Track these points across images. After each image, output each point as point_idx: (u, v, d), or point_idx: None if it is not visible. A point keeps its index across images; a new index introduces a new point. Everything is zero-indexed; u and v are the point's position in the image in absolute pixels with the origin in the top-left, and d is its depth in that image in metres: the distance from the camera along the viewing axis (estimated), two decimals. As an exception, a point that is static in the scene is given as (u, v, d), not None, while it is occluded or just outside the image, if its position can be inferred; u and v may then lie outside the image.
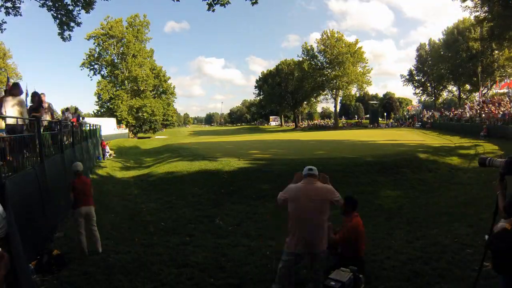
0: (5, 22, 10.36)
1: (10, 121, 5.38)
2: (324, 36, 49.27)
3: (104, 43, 43.25)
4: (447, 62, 44.70)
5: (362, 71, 49.53)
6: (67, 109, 13.45)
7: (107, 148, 20.54)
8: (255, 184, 9.98)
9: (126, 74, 44.14)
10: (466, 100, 40.64)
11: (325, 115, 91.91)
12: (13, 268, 2.91)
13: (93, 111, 47.32)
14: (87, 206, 4.92)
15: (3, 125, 5.36)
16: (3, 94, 6.21)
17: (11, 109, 5.42)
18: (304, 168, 3.29)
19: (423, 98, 58.66)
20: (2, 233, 2.77)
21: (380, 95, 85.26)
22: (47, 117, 7.97)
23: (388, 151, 14.54)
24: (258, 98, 70.71)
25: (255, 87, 68.07)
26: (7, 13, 9.80)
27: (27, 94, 18.29)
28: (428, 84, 53.75)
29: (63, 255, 4.47)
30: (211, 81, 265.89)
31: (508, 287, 2.32)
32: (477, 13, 23.22)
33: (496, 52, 38.22)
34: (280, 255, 3.21)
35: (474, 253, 4.14)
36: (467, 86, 46.78)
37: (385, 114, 61.21)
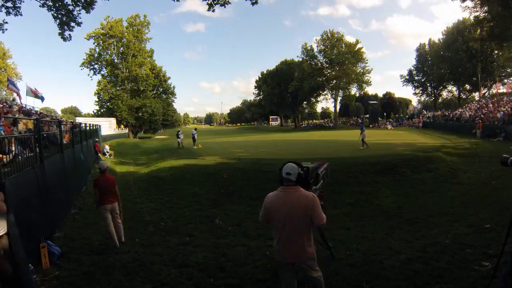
0: (6, 22, 10.35)
1: None
2: (324, 36, 49.28)
3: (104, 43, 43.22)
4: (447, 62, 44.74)
5: (362, 71, 49.55)
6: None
7: (107, 148, 20.54)
8: (255, 184, 9.98)
9: (126, 74, 44.11)
10: (467, 103, 40.65)
11: (325, 115, 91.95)
12: (14, 268, 2.92)
13: (93, 111, 47.34)
14: (113, 203, 5.33)
15: None
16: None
17: None
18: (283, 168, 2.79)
19: (422, 98, 58.77)
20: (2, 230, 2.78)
21: (380, 95, 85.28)
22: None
23: (388, 151, 14.55)
24: (258, 98, 70.76)
25: (255, 87, 68.14)
26: (8, 13, 9.78)
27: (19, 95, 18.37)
28: (428, 84, 53.80)
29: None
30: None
31: None
32: (477, 13, 23.25)
33: (496, 52, 38.27)
34: None
35: (474, 253, 4.14)
36: (467, 86, 46.83)
37: (384, 114, 61.27)
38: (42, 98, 21.17)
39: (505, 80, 35.84)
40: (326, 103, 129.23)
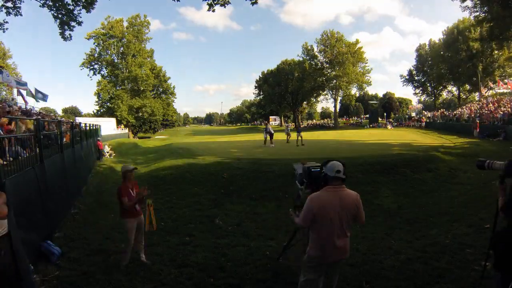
0: (6, 22, 10.36)
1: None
2: (324, 36, 49.27)
3: (105, 43, 43.24)
4: (447, 62, 44.73)
5: (362, 71, 49.53)
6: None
7: (106, 148, 20.54)
8: (255, 184, 9.98)
9: (126, 74, 44.12)
10: (467, 103, 40.66)
11: (325, 115, 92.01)
12: (15, 268, 2.92)
13: (93, 111, 47.37)
14: None
15: None
16: None
17: None
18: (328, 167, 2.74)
19: (422, 98, 58.79)
20: (3, 231, 2.78)
21: (380, 95, 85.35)
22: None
23: (388, 151, 14.55)
24: (258, 98, 70.75)
25: (255, 87, 68.11)
26: (8, 13, 9.78)
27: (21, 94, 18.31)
28: (428, 84, 53.81)
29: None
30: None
31: (504, 284, 2.39)
32: (477, 13, 23.22)
33: (496, 52, 38.24)
34: None
35: (474, 253, 4.15)
36: (467, 86, 46.81)
37: (384, 114, 61.29)
38: (45, 97, 20.96)
39: (505, 80, 35.80)
40: (326, 103, 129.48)
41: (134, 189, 4.54)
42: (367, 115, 60.78)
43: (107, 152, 20.05)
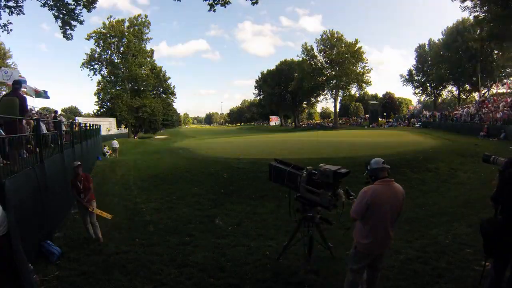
0: (10, 23, 10.39)
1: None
2: (324, 36, 49.30)
3: (105, 43, 43.20)
4: (446, 62, 44.72)
5: (362, 71, 49.54)
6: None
7: (106, 148, 20.56)
8: (255, 184, 9.97)
9: (126, 74, 44.08)
10: (467, 103, 40.58)
11: (325, 115, 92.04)
12: (14, 268, 2.91)
13: (93, 111, 47.35)
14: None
15: None
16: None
17: None
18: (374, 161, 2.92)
19: (422, 98, 58.78)
20: (4, 230, 2.79)
21: (380, 95, 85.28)
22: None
23: (388, 151, 14.55)
24: (258, 98, 70.80)
25: (255, 87, 68.16)
26: (10, 13, 9.82)
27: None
28: (428, 84, 53.82)
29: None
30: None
31: (497, 269, 2.61)
32: (477, 14, 23.21)
33: (496, 52, 38.24)
34: None
35: (474, 253, 4.15)
36: (467, 86, 46.83)
37: (384, 114, 61.28)
38: (46, 94, 20.74)
39: (505, 80, 35.82)
40: (326, 103, 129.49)
41: (83, 182, 5.49)
42: (367, 115, 60.80)
43: (107, 152, 20.07)
